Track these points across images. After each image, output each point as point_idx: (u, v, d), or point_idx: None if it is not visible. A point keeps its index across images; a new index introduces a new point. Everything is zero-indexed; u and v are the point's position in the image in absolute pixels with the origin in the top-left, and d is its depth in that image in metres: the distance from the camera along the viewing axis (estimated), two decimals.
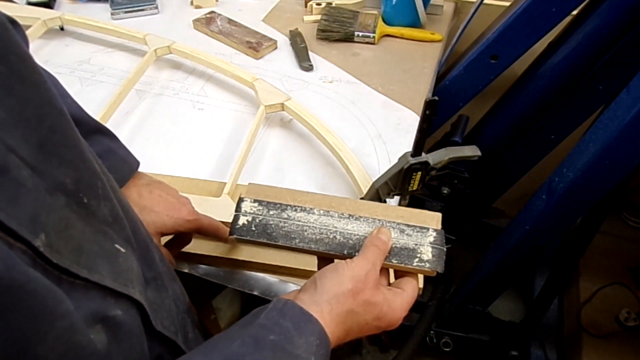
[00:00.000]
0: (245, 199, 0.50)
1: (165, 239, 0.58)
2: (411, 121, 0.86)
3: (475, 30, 1.06)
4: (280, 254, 0.62)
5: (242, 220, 0.48)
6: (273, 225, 0.48)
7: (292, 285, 0.64)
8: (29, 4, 1.08)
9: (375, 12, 1.10)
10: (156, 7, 1.13)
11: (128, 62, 0.97)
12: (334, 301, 0.44)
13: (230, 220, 0.49)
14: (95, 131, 0.52)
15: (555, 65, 0.98)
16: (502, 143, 1.13)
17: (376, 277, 0.46)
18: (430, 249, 0.49)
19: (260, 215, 0.49)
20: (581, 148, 0.80)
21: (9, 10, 1.00)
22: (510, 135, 1.11)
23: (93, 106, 0.83)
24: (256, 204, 0.49)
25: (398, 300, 0.47)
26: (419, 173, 0.62)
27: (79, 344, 0.29)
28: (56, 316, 0.27)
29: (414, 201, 0.69)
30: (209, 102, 0.90)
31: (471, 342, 1.27)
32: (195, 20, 1.09)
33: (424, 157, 0.61)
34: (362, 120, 0.86)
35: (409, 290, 0.48)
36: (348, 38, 1.06)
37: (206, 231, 0.58)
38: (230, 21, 1.10)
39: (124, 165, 0.53)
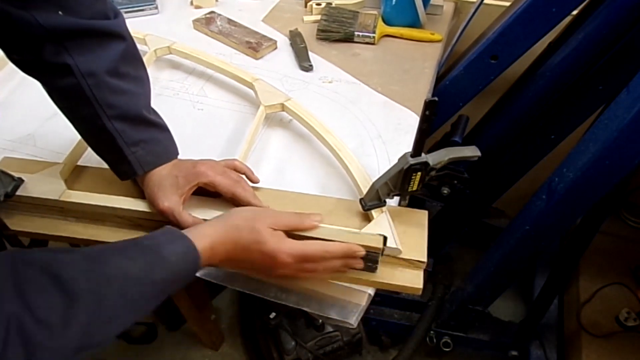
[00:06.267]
0: None
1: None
2: (411, 121, 0.86)
3: (475, 30, 1.06)
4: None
5: None
6: None
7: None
8: None
9: (375, 12, 1.10)
10: (156, 7, 1.13)
11: None
12: (223, 219, 0.57)
13: None
14: (150, 124, 0.64)
15: (555, 66, 0.97)
16: (502, 143, 1.13)
17: (274, 222, 0.56)
18: None
19: None
20: (581, 148, 0.80)
21: None
22: (510, 135, 1.11)
23: None
24: None
25: (289, 242, 0.56)
26: (419, 173, 0.62)
27: None
28: None
29: (413, 201, 0.69)
30: (209, 103, 0.90)
31: (471, 342, 1.27)
32: (195, 21, 1.09)
33: (423, 157, 0.61)
34: (362, 121, 0.86)
35: (303, 244, 0.56)
36: (348, 38, 1.06)
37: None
38: (230, 21, 1.10)
39: (163, 152, 0.65)
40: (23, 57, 0.59)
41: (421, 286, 0.61)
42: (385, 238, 0.60)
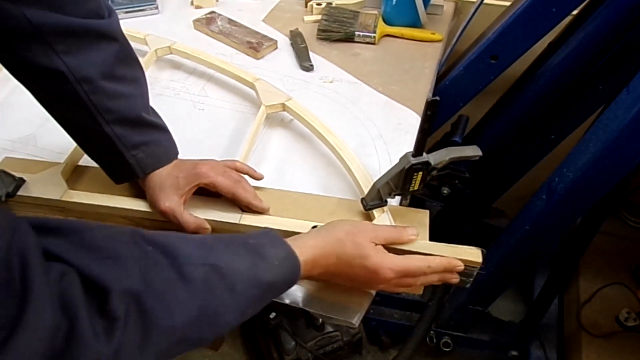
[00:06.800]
0: None
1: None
2: (412, 121, 0.86)
3: (475, 30, 1.06)
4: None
5: None
6: None
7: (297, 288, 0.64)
8: None
9: (375, 12, 1.11)
10: (156, 7, 1.13)
11: None
12: (325, 231, 0.55)
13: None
14: (149, 126, 0.63)
15: (555, 66, 0.98)
16: (502, 143, 1.13)
17: (374, 236, 0.55)
18: None
19: None
20: (581, 148, 0.80)
21: None
22: (510, 135, 1.11)
23: None
24: None
25: (389, 257, 0.55)
26: (420, 173, 0.62)
27: None
28: None
29: (413, 201, 0.69)
30: (210, 103, 0.90)
31: (471, 342, 1.27)
32: (196, 21, 1.09)
33: (425, 157, 0.61)
34: (362, 120, 0.86)
35: (405, 258, 0.56)
36: (348, 38, 1.06)
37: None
38: (230, 21, 1.10)
39: (164, 154, 0.65)
40: (14, 58, 0.56)
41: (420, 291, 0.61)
42: (484, 252, 0.59)
